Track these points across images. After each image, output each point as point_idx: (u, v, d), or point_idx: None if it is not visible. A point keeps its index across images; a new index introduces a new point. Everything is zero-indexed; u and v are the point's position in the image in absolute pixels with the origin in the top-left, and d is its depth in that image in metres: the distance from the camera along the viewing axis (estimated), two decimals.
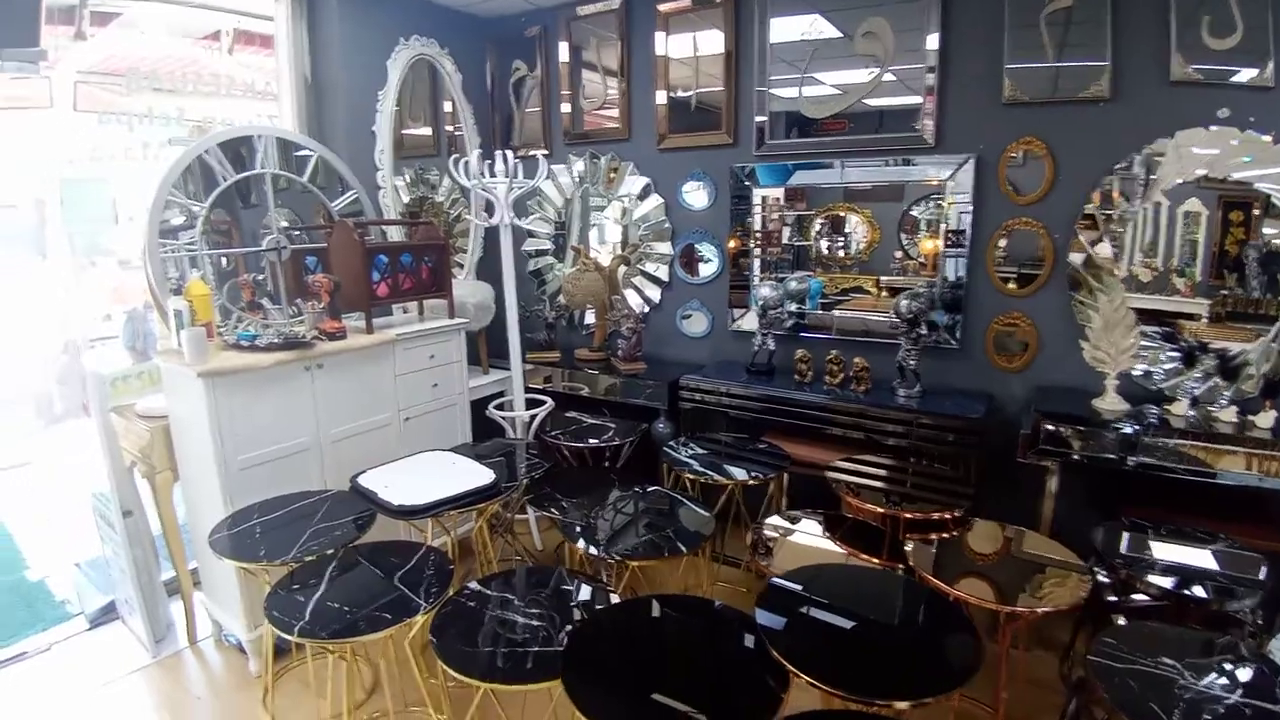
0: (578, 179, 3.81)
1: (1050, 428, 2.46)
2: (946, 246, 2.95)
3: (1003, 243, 2.85)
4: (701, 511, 2.29)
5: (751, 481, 2.58)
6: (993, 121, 2.78)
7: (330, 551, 2.02)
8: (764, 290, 3.14)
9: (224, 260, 2.77)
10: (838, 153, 3.08)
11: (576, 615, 1.80)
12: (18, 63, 2.37)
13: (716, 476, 2.57)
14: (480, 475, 2.30)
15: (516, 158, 3.07)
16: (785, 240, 3.29)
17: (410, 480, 2.27)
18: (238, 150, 2.71)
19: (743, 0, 3.16)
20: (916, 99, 2.90)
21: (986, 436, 2.69)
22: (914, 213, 3.03)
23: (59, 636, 2.77)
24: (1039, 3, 2.61)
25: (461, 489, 2.19)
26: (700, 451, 2.81)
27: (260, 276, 2.89)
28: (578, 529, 2.21)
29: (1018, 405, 2.89)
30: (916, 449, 2.78)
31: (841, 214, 3.17)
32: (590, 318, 3.90)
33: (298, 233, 3.05)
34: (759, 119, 3.20)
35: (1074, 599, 1.84)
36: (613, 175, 3.68)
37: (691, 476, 2.60)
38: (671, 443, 2.90)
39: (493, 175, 3.10)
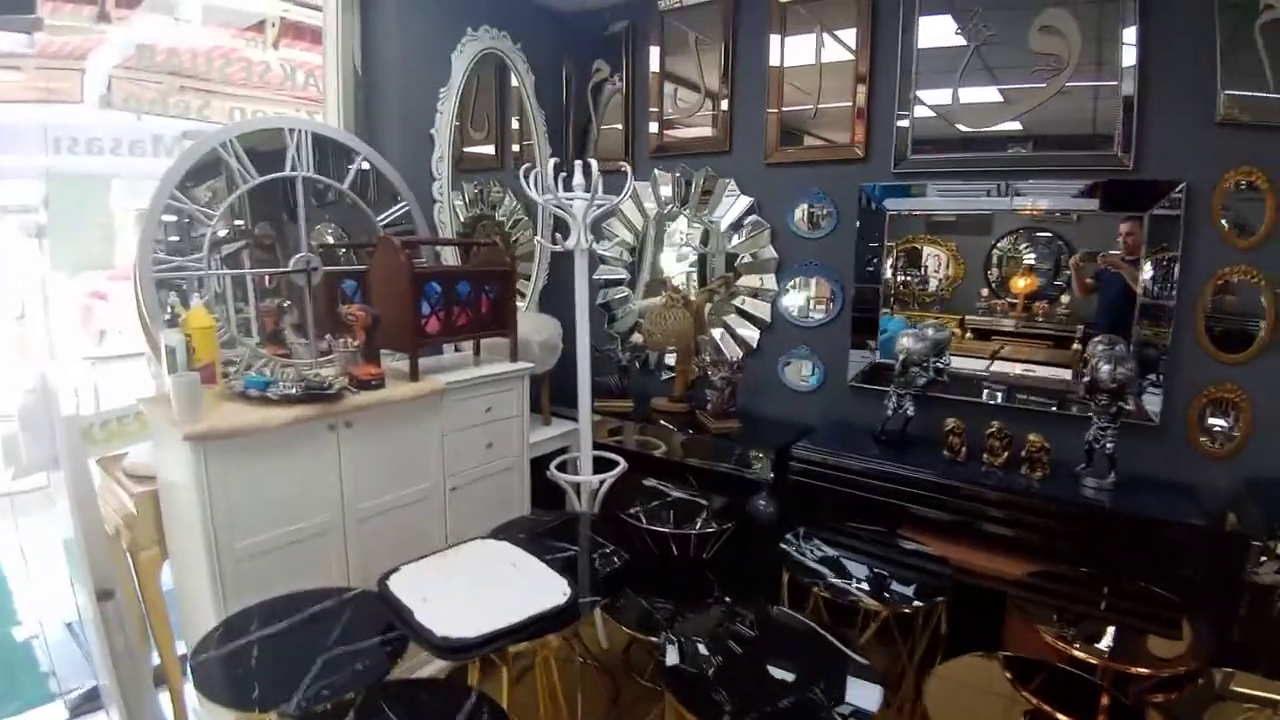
0: (667, 197, 3.22)
1: None
2: (1145, 297, 2.27)
3: (1214, 295, 2.18)
4: (872, 685, 1.55)
5: (910, 610, 1.90)
6: (1202, 145, 2.14)
7: (349, 697, 1.43)
8: (906, 340, 2.48)
9: (248, 285, 2.24)
10: (1001, 173, 2.43)
11: None
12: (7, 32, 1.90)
13: (867, 599, 1.90)
14: (549, 588, 1.68)
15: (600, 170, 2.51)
16: (929, 275, 2.64)
17: (456, 590, 1.67)
18: (265, 148, 2.19)
19: None
20: (1110, 110, 2.25)
21: (1215, 550, 1.98)
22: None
23: None
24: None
25: (526, 612, 1.57)
26: (829, 552, 2.15)
27: (287, 303, 2.36)
28: (687, 682, 1.57)
29: (1219, 501, 2.18)
30: (1112, 561, 2.07)
31: (1001, 249, 2.52)
32: (670, 359, 3.29)
33: (343, 251, 2.53)
34: (899, 127, 2.58)
35: None
36: (707, 195, 3.09)
37: (827, 595, 1.94)
38: (790, 538, 2.24)
39: (569, 190, 2.54)
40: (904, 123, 2.57)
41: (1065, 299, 2.47)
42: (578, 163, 2.63)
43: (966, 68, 2.44)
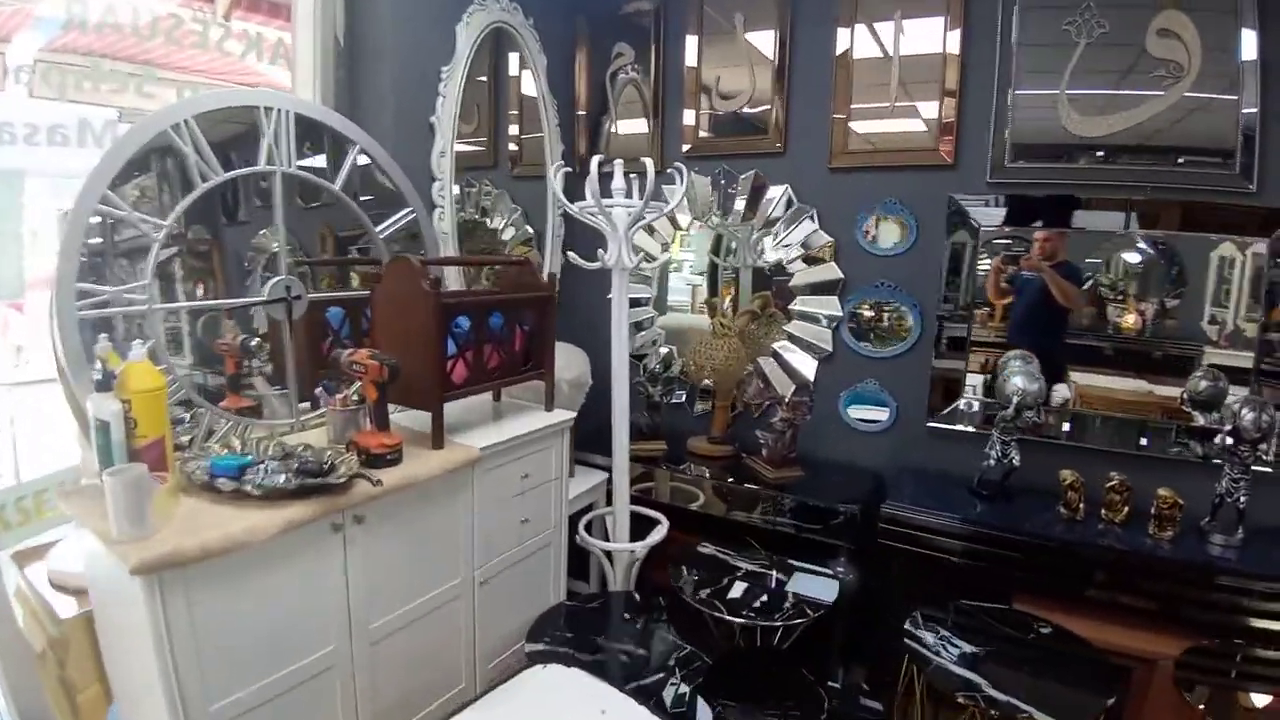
0: (706, 203, 2.76)
1: None
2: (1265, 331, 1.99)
3: None
4: None
5: None
6: None
7: None
8: (1019, 380, 2.10)
9: (190, 322, 1.65)
10: (1118, 186, 2.10)
11: None
12: None
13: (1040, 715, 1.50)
14: None
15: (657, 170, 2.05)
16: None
17: None
18: (220, 136, 1.60)
19: None
20: (1230, 123, 1.95)
21: None
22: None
23: None
24: None
25: None
26: (965, 648, 1.75)
27: (255, 340, 1.78)
28: None
29: None
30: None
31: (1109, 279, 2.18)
32: (704, 391, 2.84)
33: (303, 268, 1.94)
34: (997, 131, 2.21)
35: None
36: (754, 202, 2.65)
37: (994, 713, 1.53)
38: (913, 626, 1.83)
39: (605, 195, 2.07)
40: (1003, 128, 2.20)
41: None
42: (617, 163, 2.16)
43: (1075, 68, 2.09)
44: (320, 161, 1.82)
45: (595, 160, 2.05)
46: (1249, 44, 1.91)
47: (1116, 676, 1.68)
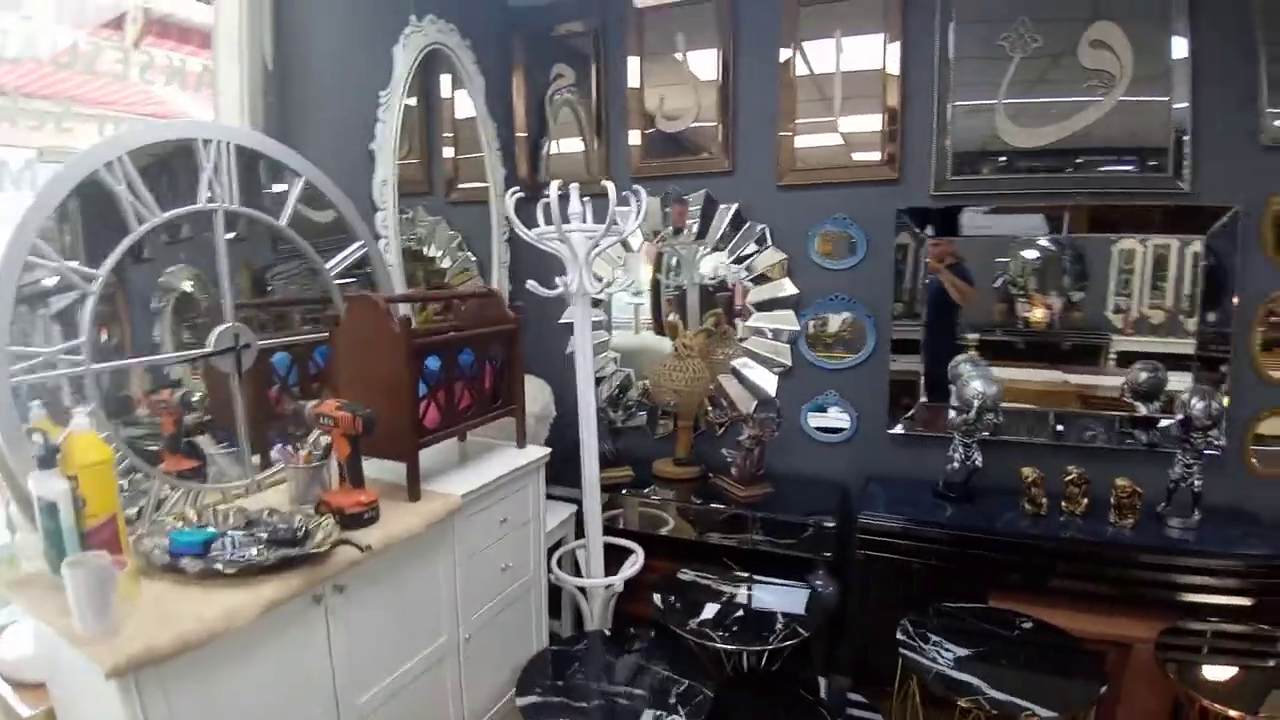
0: (655, 225, 2.73)
1: None
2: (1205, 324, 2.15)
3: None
4: None
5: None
6: (1250, 167, 2.05)
7: None
8: (978, 384, 2.18)
9: (113, 378, 1.47)
10: (1054, 194, 2.22)
11: None
12: None
13: (1042, 711, 1.53)
14: None
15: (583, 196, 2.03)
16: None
17: None
18: (163, 171, 1.45)
19: None
20: (1159, 134, 2.10)
21: None
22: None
23: None
24: None
25: None
26: (959, 651, 1.78)
27: (195, 396, 1.60)
28: None
29: (1273, 519, 2.12)
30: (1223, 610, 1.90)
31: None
32: (666, 413, 2.80)
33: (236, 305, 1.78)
34: (938, 145, 2.30)
35: None
36: (706, 221, 2.65)
37: (995, 714, 1.55)
38: (905, 634, 1.84)
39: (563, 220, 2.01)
40: (944, 141, 2.29)
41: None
42: (573, 186, 2.11)
43: (1011, 81, 2.20)
44: (257, 195, 1.67)
45: (555, 184, 1.99)
46: (1179, 49, 2.04)
47: (1100, 663, 1.75)
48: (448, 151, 2.69)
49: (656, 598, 2.10)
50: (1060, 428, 2.31)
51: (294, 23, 2.00)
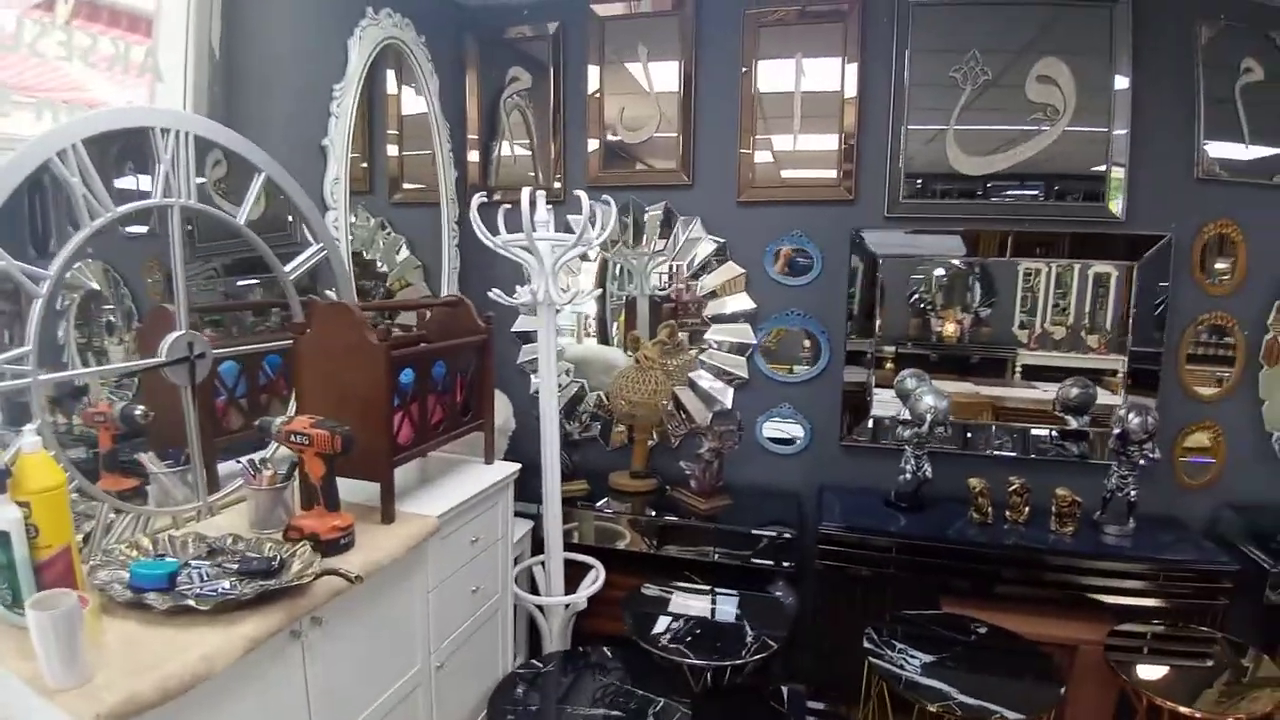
0: (613, 235, 2.70)
1: None
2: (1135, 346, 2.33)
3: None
4: None
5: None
6: (1184, 198, 2.26)
7: None
8: (929, 398, 2.27)
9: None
10: (1000, 220, 2.36)
11: None
12: None
13: (1009, 713, 1.61)
14: None
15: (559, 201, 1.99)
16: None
17: None
18: (116, 160, 1.30)
19: (872, 21, 2.36)
20: (1099, 165, 2.28)
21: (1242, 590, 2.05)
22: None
23: None
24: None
25: None
26: (924, 657, 1.84)
27: (139, 409, 1.45)
28: None
29: (1200, 526, 2.34)
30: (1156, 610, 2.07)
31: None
32: (620, 424, 2.78)
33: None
34: (892, 168, 2.40)
35: None
36: (665, 234, 2.65)
37: (955, 715, 1.62)
38: (870, 642, 1.89)
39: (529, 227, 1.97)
40: (897, 163, 2.39)
41: None
42: (539, 194, 2.06)
43: (962, 110, 2.32)
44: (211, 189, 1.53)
45: (526, 191, 1.94)
46: (1121, 85, 2.21)
47: (1054, 665, 1.86)
48: (392, 150, 2.57)
49: (626, 615, 2.07)
50: (1000, 440, 2.45)
51: (245, 9, 1.86)
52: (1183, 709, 1.61)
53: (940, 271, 2.43)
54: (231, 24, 1.88)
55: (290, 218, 1.84)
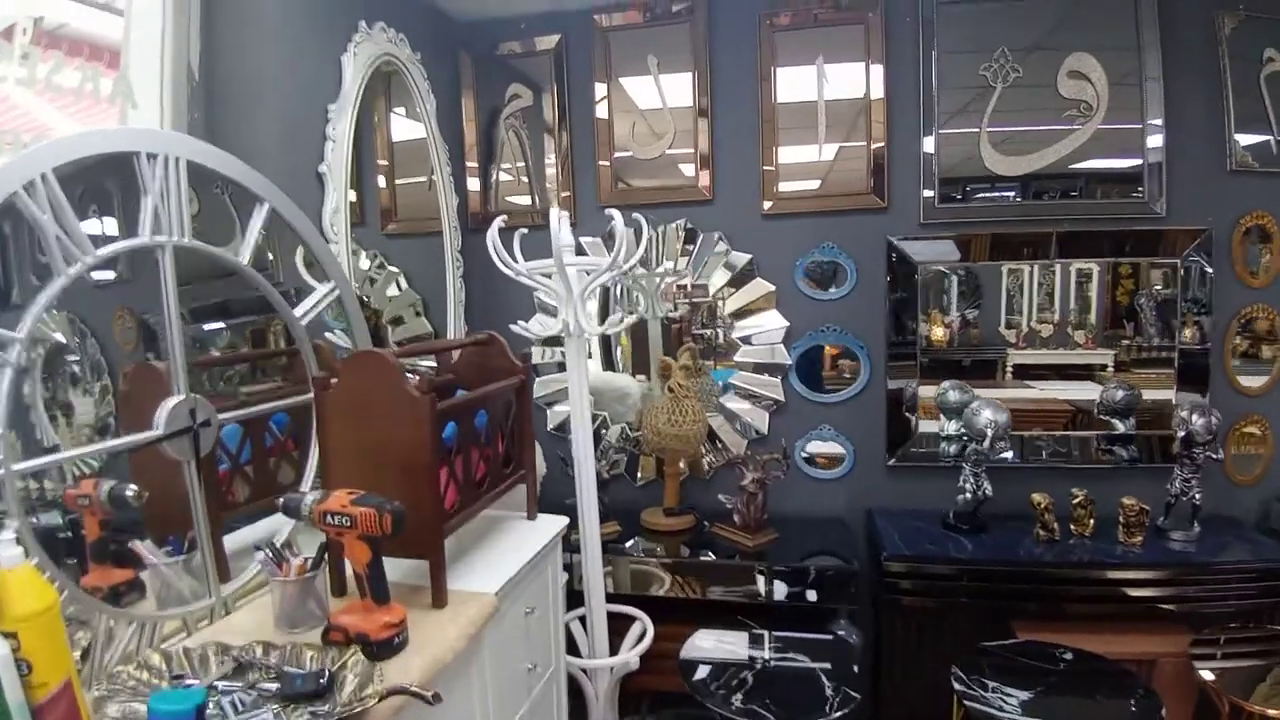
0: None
1: None
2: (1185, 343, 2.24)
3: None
4: None
5: None
6: (1220, 191, 2.18)
7: None
8: (988, 412, 2.13)
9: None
10: (1041, 220, 2.25)
11: None
12: None
13: None
14: None
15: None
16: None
17: None
18: (92, 194, 1.08)
19: (895, 21, 2.25)
20: (1135, 160, 2.19)
21: None
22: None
23: None
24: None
25: None
26: (1021, 695, 1.67)
27: (130, 489, 1.21)
28: None
29: (1252, 520, 2.26)
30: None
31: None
32: (646, 458, 2.59)
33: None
34: (926, 173, 2.28)
35: None
36: (688, 249, 2.48)
37: None
38: (960, 683, 1.71)
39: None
40: (930, 168, 2.27)
41: None
42: (563, 214, 1.87)
43: (994, 110, 2.22)
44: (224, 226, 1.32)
45: (553, 212, 1.76)
46: (1154, 76, 2.13)
47: (1148, 687, 1.71)
48: (383, 181, 2.36)
49: (697, 674, 1.86)
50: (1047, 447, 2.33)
51: (226, 27, 1.65)
52: (1271, 712, 1.48)
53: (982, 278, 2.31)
54: (211, 41, 1.67)
55: (271, 255, 1.62)
